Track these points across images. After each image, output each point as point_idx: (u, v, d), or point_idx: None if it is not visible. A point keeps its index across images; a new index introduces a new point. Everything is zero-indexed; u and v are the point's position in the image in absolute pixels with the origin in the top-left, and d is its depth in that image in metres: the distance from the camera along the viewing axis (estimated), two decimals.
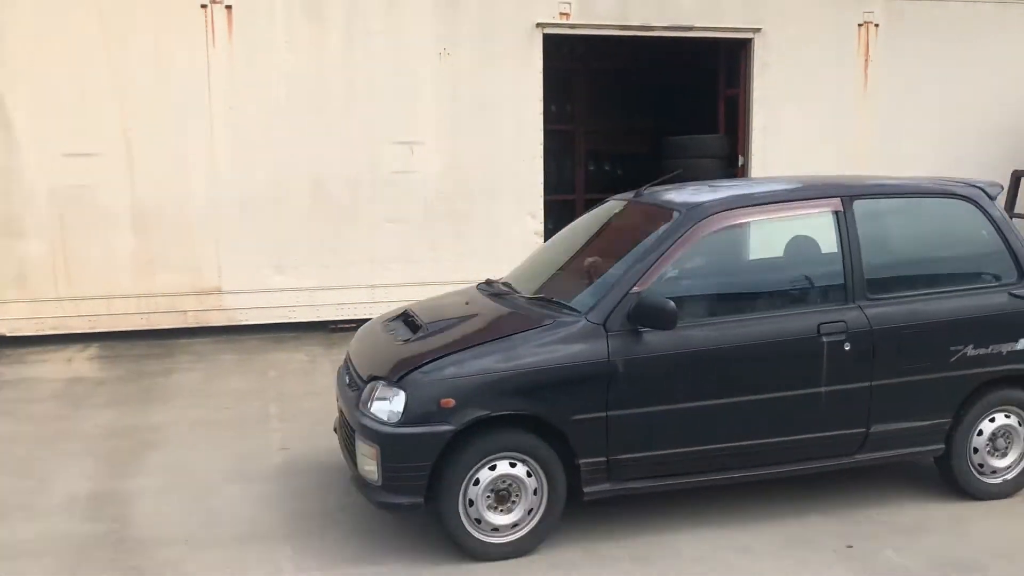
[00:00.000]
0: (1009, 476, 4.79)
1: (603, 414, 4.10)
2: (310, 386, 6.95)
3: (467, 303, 4.82)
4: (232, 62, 8.11)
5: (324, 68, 8.32)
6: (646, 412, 4.17)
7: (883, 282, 4.56)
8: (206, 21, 8.01)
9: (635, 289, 4.16)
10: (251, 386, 6.96)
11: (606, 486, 4.18)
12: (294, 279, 8.46)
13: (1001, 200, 5.18)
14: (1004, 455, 4.77)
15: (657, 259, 4.25)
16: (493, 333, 4.27)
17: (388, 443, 3.95)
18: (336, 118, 8.39)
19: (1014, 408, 4.76)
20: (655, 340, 4.15)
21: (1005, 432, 4.75)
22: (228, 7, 8.02)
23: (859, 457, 4.54)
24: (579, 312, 4.22)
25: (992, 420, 4.71)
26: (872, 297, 4.48)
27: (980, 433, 4.69)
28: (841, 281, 4.48)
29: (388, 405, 4.00)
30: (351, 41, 8.37)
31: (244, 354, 7.94)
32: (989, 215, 4.75)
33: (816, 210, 4.60)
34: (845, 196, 4.58)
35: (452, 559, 4.12)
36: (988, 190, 4.83)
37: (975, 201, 4.76)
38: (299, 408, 6.39)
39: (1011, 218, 5.82)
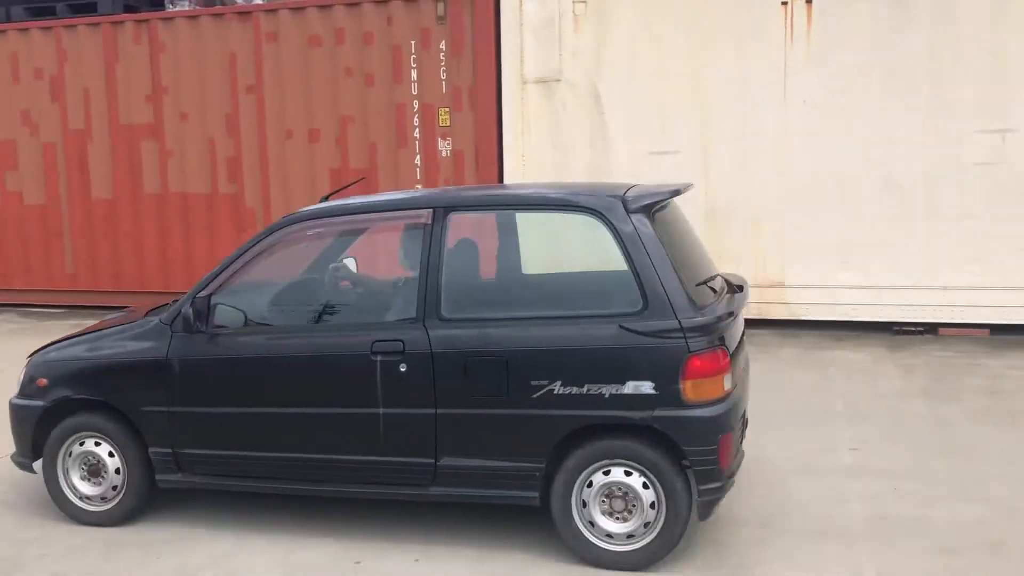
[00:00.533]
0: (633, 545, 4.03)
1: (166, 409, 4.47)
2: (873, 387, 6.73)
3: None
4: (808, 57, 8.13)
5: (905, 55, 7.92)
6: (200, 412, 4.46)
7: (465, 303, 4.25)
8: (785, 18, 8.14)
9: (202, 294, 4.38)
10: (813, 381, 6.96)
11: (177, 476, 4.56)
12: (858, 276, 8.22)
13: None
14: (625, 519, 4.03)
15: (227, 265, 4.48)
16: (107, 327, 4.86)
17: (10, 411, 4.82)
18: (913, 108, 7.94)
19: (633, 464, 3.98)
20: (210, 343, 4.40)
21: (624, 492, 4.01)
22: (808, 2, 8.05)
23: (434, 491, 4.24)
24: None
25: (607, 473, 4.03)
26: (446, 318, 4.16)
27: (590, 485, 4.05)
28: (414, 299, 4.21)
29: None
30: (937, 25, 7.83)
31: (804, 349, 7.97)
32: (617, 232, 4.02)
33: (405, 223, 4.50)
34: (438, 208, 4.29)
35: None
36: (629, 202, 4.08)
37: (601, 215, 4.08)
38: (865, 409, 6.24)
39: None
